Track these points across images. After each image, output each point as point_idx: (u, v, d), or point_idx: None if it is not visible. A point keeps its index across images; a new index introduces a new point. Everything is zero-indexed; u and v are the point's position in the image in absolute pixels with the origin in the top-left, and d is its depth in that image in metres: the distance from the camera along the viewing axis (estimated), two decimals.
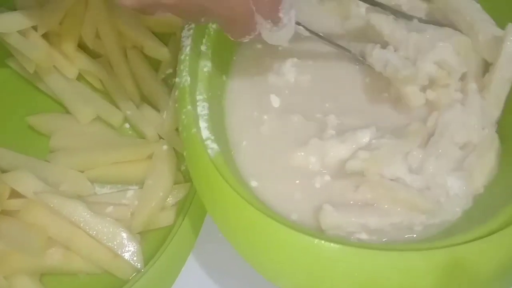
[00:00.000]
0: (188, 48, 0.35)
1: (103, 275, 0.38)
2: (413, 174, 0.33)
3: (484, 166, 0.34)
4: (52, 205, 0.36)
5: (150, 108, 0.44)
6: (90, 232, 0.36)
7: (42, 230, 0.36)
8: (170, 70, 0.46)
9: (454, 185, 0.33)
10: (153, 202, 0.38)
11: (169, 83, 0.45)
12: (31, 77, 0.45)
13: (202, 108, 0.34)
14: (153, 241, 0.38)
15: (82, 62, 0.45)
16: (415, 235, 0.32)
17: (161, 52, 0.45)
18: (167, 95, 0.44)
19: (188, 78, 0.34)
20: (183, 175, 0.42)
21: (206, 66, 0.36)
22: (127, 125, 0.45)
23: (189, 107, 0.33)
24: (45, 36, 0.44)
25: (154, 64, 0.46)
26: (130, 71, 0.45)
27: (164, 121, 0.43)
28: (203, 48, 0.36)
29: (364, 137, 0.35)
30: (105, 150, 0.42)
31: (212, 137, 0.32)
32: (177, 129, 0.43)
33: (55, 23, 0.44)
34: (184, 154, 0.33)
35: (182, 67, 0.34)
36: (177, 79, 0.34)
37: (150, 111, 0.44)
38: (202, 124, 0.33)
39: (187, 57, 0.35)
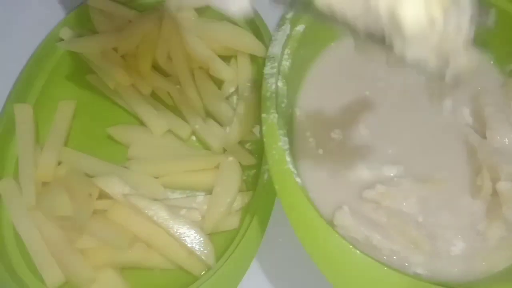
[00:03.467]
0: (274, 86, 0.38)
1: (176, 271, 0.42)
2: (424, 217, 0.36)
3: (491, 262, 0.35)
4: (138, 206, 0.40)
5: (215, 123, 0.48)
6: (170, 231, 0.41)
7: (127, 228, 0.41)
8: (232, 89, 0.50)
9: (459, 247, 0.35)
10: (222, 207, 0.43)
11: (230, 101, 0.50)
12: (109, 92, 0.50)
13: (284, 143, 0.36)
14: (219, 243, 0.43)
15: (156, 80, 0.49)
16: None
17: (225, 72, 0.49)
18: (231, 111, 0.48)
19: (276, 115, 0.37)
20: (245, 184, 0.46)
21: (283, 102, 0.39)
22: (193, 138, 0.50)
23: (279, 143, 0.35)
24: (123, 57, 0.50)
25: (218, 83, 0.50)
26: (197, 89, 0.49)
27: (227, 135, 0.48)
28: (280, 84, 0.39)
29: (390, 172, 0.39)
30: (176, 160, 0.46)
31: (295, 172, 0.34)
32: (239, 143, 0.48)
33: (133, 45, 0.49)
34: (276, 187, 0.35)
35: (268, 103, 0.37)
36: (264, 115, 0.37)
37: (215, 126, 0.48)
38: (287, 159, 0.35)
39: (273, 95, 0.37)
